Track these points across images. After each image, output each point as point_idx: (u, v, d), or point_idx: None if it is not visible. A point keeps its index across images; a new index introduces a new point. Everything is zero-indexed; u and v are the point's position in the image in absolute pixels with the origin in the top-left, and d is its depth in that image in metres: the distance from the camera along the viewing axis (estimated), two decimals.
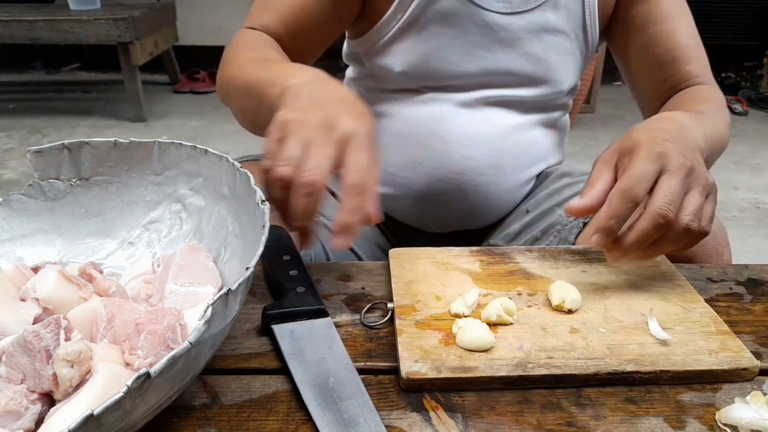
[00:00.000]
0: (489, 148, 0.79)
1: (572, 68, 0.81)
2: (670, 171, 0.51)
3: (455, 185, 0.79)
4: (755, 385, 0.45)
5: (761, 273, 0.60)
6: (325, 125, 0.49)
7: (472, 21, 0.75)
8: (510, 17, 0.75)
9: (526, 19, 0.76)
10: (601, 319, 0.50)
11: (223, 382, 0.45)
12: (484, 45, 0.76)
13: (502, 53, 0.77)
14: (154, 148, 0.54)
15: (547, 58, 0.78)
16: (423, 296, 0.53)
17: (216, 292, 0.47)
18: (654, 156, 0.52)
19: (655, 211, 0.49)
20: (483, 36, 0.76)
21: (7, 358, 0.38)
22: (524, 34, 0.76)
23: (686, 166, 0.52)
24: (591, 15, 0.78)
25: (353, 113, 0.51)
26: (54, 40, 2.80)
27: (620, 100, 3.40)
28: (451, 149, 0.78)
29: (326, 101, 0.52)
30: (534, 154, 0.83)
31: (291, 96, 0.54)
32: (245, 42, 0.76)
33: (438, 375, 0.44)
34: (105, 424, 0.30)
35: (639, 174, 0.51)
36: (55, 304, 0.44)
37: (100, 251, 0.55)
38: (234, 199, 0.51)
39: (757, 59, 3.68)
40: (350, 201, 0.47)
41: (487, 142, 0.79)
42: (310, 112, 0.51)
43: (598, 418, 0.42)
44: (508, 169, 0.80)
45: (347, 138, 0.49)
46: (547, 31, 0.77)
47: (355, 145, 0.49)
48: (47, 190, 0.54)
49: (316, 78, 0.57)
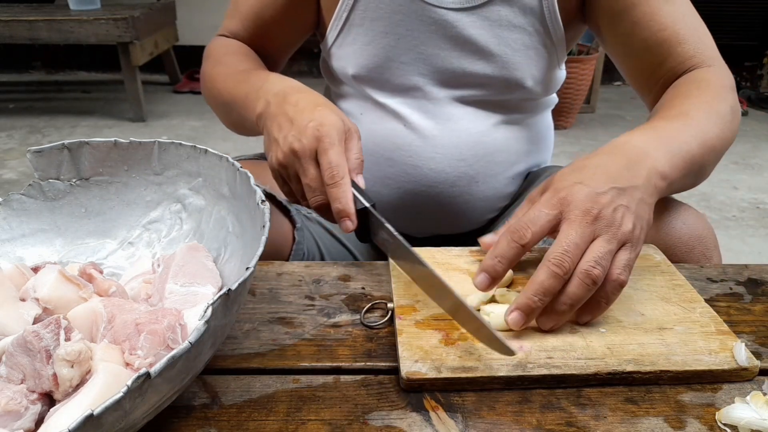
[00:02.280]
0: (457, 160, 0.77)
1: (536, 64, 0.76)
2: (569, 219, 0.49)
3: (428, 197, 0.78)
4: (755, 385, 0.45)
5: (761, 273, 0.60)
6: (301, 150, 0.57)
7: (419, 18, 0.72)
8: (460, 13, 0.72)
9: (478, 14, 0.72)
10: (601, 319, 0.50)
11: (223, 382, 0.45)
12: (434, 43, 0.74)
13: (453, 51, 0.74)
14: (154, 148, 0.54)
15: (504, 55, 0.74)
16: (423, 296, 0.53)
17: (216, 292, 0.47)
18: (555, 201, 0.50)
19: (550, 260, 0.47)
20: (432, 33, 0.73)
21: (7, 358, 0.38)
22: (476, 31, 0.73)
23: (590, 214, 0.48)
24: (550, 7, 0.73)
25: (306, 121, 0.58)
26: (54, 40, 2.80)
27: (620, 100, 3.40)
28: (419, 163, 0.77)
29: (285, 124, 0.60)
30: (505, 159, 0.80)
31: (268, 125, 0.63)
32: (214, 53, 0.81)
33: (438, 375, 0.44)
34: (105, 424, 0.30)
35: (529, 218, 0.50)
36: (55, 304, 0.44)
37: (100, 251, 0.55)
38: (234, 199, 0.51)
39: (757, 59, 3.68)
40: (330, 193, 0.56)
41: (454, 153, 0.77)
42: (279, 147, 0.60)
43: (598, 418, 0.42)
44: (480, 177, 0.79)
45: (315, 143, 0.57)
46: (501, 26, 0.73)
47: (323, 149, 0.57)
48: (47, 190, 0.54)
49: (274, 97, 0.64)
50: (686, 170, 0.58)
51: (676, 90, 0.68)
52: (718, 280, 0.59)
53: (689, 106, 0.63)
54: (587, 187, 0.50)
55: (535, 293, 0.47)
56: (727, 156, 2.49)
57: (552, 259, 0.47)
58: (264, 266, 0.60)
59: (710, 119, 0.62)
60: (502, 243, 0.50)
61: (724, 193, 2.30)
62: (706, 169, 0.63)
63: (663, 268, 0.58)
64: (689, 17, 0.70)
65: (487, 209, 0.83)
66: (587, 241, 0.48)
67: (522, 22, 0.73)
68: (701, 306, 0.52)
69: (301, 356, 0.47)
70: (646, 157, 0.54)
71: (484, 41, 0.73)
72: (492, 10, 0.72)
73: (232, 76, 0.74)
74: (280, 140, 0.59)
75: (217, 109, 0.81)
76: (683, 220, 0.64)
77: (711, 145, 0.61)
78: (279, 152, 0.59)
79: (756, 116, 3.22)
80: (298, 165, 0.58)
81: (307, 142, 0.57)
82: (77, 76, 3.80)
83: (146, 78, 3.42)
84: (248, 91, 0.69)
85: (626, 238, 0.49)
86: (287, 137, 0.58)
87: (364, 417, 0.41)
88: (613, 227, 0.48)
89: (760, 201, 2.26)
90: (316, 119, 0.58)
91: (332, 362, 0.47)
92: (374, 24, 0.74)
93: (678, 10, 0.69)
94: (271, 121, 0.62)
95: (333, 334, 0.50)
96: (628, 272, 0.48)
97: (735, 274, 0.60)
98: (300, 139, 0.57)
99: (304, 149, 0.57)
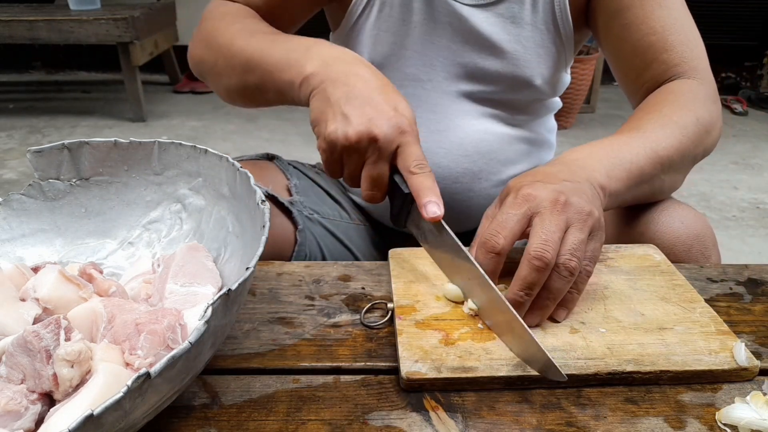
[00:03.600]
0: (461, 156, 0.77)
1: (545, 62, 0.77)
2: (540, 212, 0.49)
3: None
4: (755, 385, 0.45)
5: (761, 273, 0.60)
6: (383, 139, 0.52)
7: (435, 10, 0.73)
8: (475, 9, 0.73)
9: (492, 11, 0.73)
10: (601, 319, 0.50)
11: (223, 382, 0.45)
12: (447, 36, 0.74)
13: (466, 45, 0.74)
14: (154, 148, 0.54)
15: (515, 52, 0.75)
16: (423, 296, 0.53)
17: (216, 292, 0.47)
18: (519, 201, 0.50)
19: (530, 254, 0.47)
20: (446, 26, 0.74)
21: (7, 358, 0.38)
22: (490, 27, 0.73)
23: (559, 202, 0.49)
24: (561, 5, 0.74)
25: (389, 107, 0.53)
26: (54, 40, 2.80)
27: (620, 100, 3.40)
28: None
29: (359, 99, 0.54)
30: (508, 158, 0.81)
31: (320, 92, 0.56)
32: (227, 13, 0.73)
33: (438, 375, 0.44)
34: (105, 424, 0.30)
35: (497, 223, 0.50)
36: (55, 304, 0.44)
37: (100, 251, 0.55)
38: (234, 199, 0.51)
39: (757, 59, 3.68)
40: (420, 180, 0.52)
41: (458, 149, 0.77)
42: (351, 124, 0.53)
43: (598, 418, 0.42)
44: (483, 175, 0.79)
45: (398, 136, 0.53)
46: (514, 23, 0.74)
47: (407, 142, 0.53)
48: (47, 190, 0.54)
49: (334, 61, 0.57)
50: (631, 181, 0.59)
51: (647, 101, 0.69)
52: (718, 280, 0.59)
53: (647, 119, 0.64)
54: (546, 183, 0.51)
55: (520, 288, 0.47)
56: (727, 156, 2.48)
57: (532, 252, 0.47)
58: (264, 266, 0.60)
59: (665, 131, 0.63)
60: (479, 257, 0.50)
61: (724, 193, 2.30)
62: (660, 179, 0.63)
63: (663, 268, 0.58)
64: (681, 24, 0.70)
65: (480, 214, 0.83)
66: (562, 229, 0.48)
67: (534, 19, 0.74)
68: (701, 306, 0.52)
69: (301, 356, 0.47)
70: (584, 169, 0.56)
71: (496, 38, 0.74)
72: (506, 7, 0.73)
73: (260, 35, 0.67)
74: (355, 119, 0.53)
75: (224, 73, 0.70)
76: (681, 219, 0.64)
77: (664, 156, 0.61)
78: (351, 130, 0.52)
79: (756, 116, 3.21)
80: (371, 153, 0.53)
81: (390, 132, 0.52)
82: (77, 76, 3.79)
83: (146, 78, 3.42)
84: (291, 51, 0.61)
85: (594, 225, 0.50)
86: (363, 116, 0.52)
87: (364, 417, 0.41)
88: (582, 213, 0.49)
89: (760, 201, 2.26)
90: (398, 108, 0.54)
91: (332, 362, 0.47)
92: (393, 10, 0.74)
93: (671, 15, 0.69)
94: (337, 89, 0.55)
95: (333, 334, 0.50)
96: (595, 262, 0.50)
97: (735, 274, 0.60)
98: (382, 127, 0.52)
99: (387, 139, 0.52)
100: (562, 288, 0.48)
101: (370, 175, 0.54)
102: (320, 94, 0.55)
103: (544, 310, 0.49)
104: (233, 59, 0.67)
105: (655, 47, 0.69)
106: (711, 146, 0.68)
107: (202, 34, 0.73)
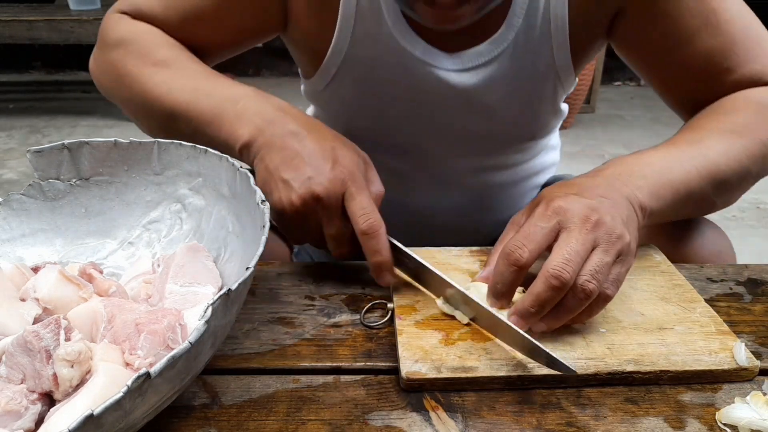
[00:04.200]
0: (459, 215, 0.77)
1: (545, 113, 0.72)
2: (568, 228, 0.46)
3: (430, 240, 0.71)
4: (755, 385, 0.45)
5: (761, 273, 0.60)
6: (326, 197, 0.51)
7: (418, 79, 0.66)
8: (464, 74, 0.66)
9: (483, 73, 0.66)
10: (601, 319, 0.50)
11: (223, 382, 0.45)
12: (434, 104, 0.68)
13: (457, 113, 0.69)
14: (154, 148, 0.54)
15: (512, 112, 0.70)
16: (423, 296, 0.53)
17: (216, 292, 0.47)
18: (549, 213, 0.48)
19: (548, 272, 0.44)
20: (432, 95, 0.67)
21: (7, 358, 0.38)
22: (482, 91, 0.67)
23: (590, 220, 0.46)
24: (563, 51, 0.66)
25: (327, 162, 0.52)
26: (54, 40, 2.80)
27: (620, 100, 3.40)
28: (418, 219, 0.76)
29: (295, 160, 0.52)
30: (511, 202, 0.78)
31: (259, 161, 0.54)
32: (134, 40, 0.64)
33: (438, 375, 0.44)
34: (105, 424, 0.30)
35: (524, 234, 0.47)
36: (55, 304, 0.44)
37: (100, 251, 0.55)
38: (234, 199, 0.51)
39: None
40: (367, 245, 0.51)
41: (457, 210, 0.77)
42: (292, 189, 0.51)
43: (598, 418, 0.42)
44: (486, 221, 0.79)
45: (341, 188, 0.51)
46: (507, 84, 0.67)
47: (350, 193, 0.52)
48: (47, 190, 0.54)
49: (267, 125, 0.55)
50: (677, 202, 0.55)
51: (713, 108, 0.62)
52: (718, 280, 0.59)
53: (709, 131, 0.58)
54: (581, 197, 0.49)
55: (532, 305, 0.45)
56: None
57: (551, 270, 0.45)
58: (264, 266, 0.60)
59: (731, 150, 0.57)
60: (500, 267, 0.47)
61: None
62: (710, 200, 0.59)
63: (663, 268, 0.58)
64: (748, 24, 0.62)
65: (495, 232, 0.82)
66: (588, 249, 0.46)
67: (531, 73, 0.67)
68: (701, 306, 0.52)
69: (301, 356, 0.47)
70: (626, 185, 0.52)
71: (490, 102, 0.68)
72: (495, 68, 0.66)
73: (180, 80, 0.61)
74: (295, 183, 0.51)
75: (141, 116, 0.65)
76: (702, 234, 0.63)
77: (720, 179, 0.56)
78: (294, 196, 0.51)
79: None
80: (321, 213, 0.52)
81: (332, 187, 0.51)
82: (77, 76, 3.80)
83: None
84: (218, 108, 0.58)
85: (623, 249, 0.47)
86: (304, 180, 0.51)
87: (364, 417, 0.41)
88: (613, 236, 0.46)
89: (760, 201, 2.26)
90: (337, 159, 0.52)
91: (332, 362, 0.47)
92: (364, 86, 0.68)
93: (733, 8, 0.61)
94: (274, 156, 0.53)
95: (333, 334, 0.50)
96: (617, 287, 0.47)
97: (735, 274, 0.60)
98: (323, 183, 0.51)
99: (329, 196, 0.51)
100: (575, 308, 0.46)
101: (329, 234, 0.53)
102: (260, 163, 0.54)
103: (551, 322, 0.47)
104: (152, 108, 0.62)
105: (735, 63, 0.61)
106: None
107: (108, 62, 0.66)
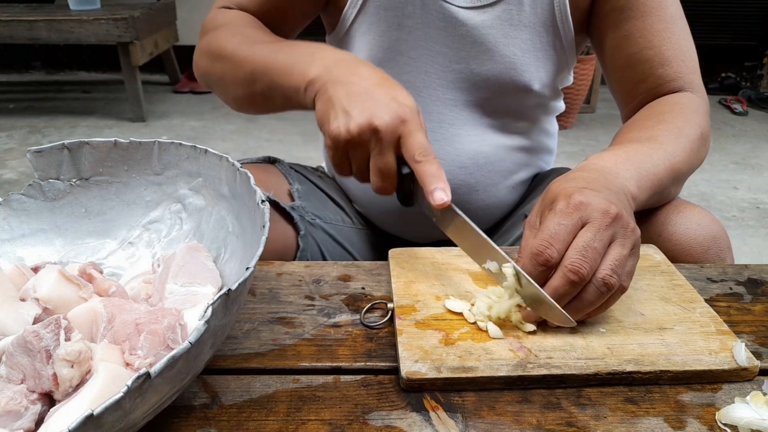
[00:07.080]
0: (458, 167, 0.77)
1: (543, 66, 0.75)
2: (590, 221, 0.48)
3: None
4: (755, 385, 0.45)
5: (761, 273, 0.60)
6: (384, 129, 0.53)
7: (429, 13, 0.72)
8: (471, 12, 0.71)
9: (489, 13, 0.71)
10: (601, 319, 0.50)
11: (223, 382, 0.45)
12: (443, 41, 0.73)
13: (462, 50, 0.73)
14: (154, 148, 0.54)
15: (512, 56, 0.73)
16: (423, 296, 0.53)
17: (216, 292, 0.47)
18: (571, 208, 0.48)
19: (566, 267, 0.46)
20: (441, 30, 0.72)
21: (7, 358, 0.38)
22: (486, 30, 0.72)
23: (610, 215, 0.48)
24: (561, 7, 0.72)
25: (389, 98, 0.54)
26: (54, 40, 2.80)
27: None
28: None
29: (359, 95, 0.55)
30: (506, 168, 0.80)
31: (323, 93, 0.57)
32: (229, 21, 0.74)
33: (438, 375, 0.44)
34: (105, 424, 0.30)
35: (549, 234, 0.48)
36: (55, 304, 0.44)
37: (100, 251, 0.55)
38: (234, 199, 0.51)
39: (757, 59, 3.68)
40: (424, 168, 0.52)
41: (455, 160, 0.77)
42: (352, 118, 0.53)
43: (598, 418, 0.42)
44: (480, 186, 0.79)
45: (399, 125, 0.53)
46: (512, 26, 0.72)
47: (409, 130, 0.53)
48: (47, 190, 0.54)
49: (336, 64, 0.58)
50: (652, 191, 0.60)
51: (651, 111, 0.70)
52: (718, 280, 0.59)
53: (660, 130, 0.65)
54: (595, 191, 0.50)
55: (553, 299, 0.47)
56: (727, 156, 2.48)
57: (569, 265, 0.46)
58: (264, 266, 0.60)
59: (679, 144, 0.64)
60: (529, 268, 0.48)
61: (724, 193, 2.30)
62: (669, 190, 0.64)
63: (663, 268, 0.58)
64: (678, 39, 0.70)
65: (486, 219, 0.82)
66: (605, 244, 0.47)
67: (533, 21, 0.73)
68: (701, 306, 0.52)
69: (301, 356, 0.47)
70: (617, 177, 0.55)
71: (493, 40, 0.72)
72: (502, 9, 0.71)
73: (264, 44, 0.68)
74: (354, 112, 0.53)
75: (231, 84, 0.72)
76: (698, 222, 0.64)
77: (677, 169, 0.63)
78: (352, 124, 0.53)
79: (756, 116, 3.21)
80: (374, 145, 0.53)
81: (391, 122, 0.52)
82: (77, 76, 3.79)
83: (146, 78, 3.42)
84: (295, 58, 0.62)
85: (636, 241, 0.49)
86: (364, 110, 0.53)
87: (364, 417, 0.41)
88: (628, 229, 0.48)
89: (760, 201, 2.26)
90: (398, 99, 0.54)
91: (332, 362, 0.47)
92: (387, 14, 0.73)
93: (668, 29, 0.70)
94: (339, 89, 0.56)
95: (333, 334, 0.50)
96: (631, 279, 0.49)
97: (735, 274, 0.60)
98: (383, 117, 0.52)
99: (388, 129, 0.52)
100: (595, 302, 0.47)
101: (376, 166, 0.54)
102: (323, 96, 0.57)
103: (571, 314, 0.47)
104: (238, 70, 0.68)
105: (652, 62, 0.70)
106: (705, 158, 0.70)
107: (206, 47, 0.74)
